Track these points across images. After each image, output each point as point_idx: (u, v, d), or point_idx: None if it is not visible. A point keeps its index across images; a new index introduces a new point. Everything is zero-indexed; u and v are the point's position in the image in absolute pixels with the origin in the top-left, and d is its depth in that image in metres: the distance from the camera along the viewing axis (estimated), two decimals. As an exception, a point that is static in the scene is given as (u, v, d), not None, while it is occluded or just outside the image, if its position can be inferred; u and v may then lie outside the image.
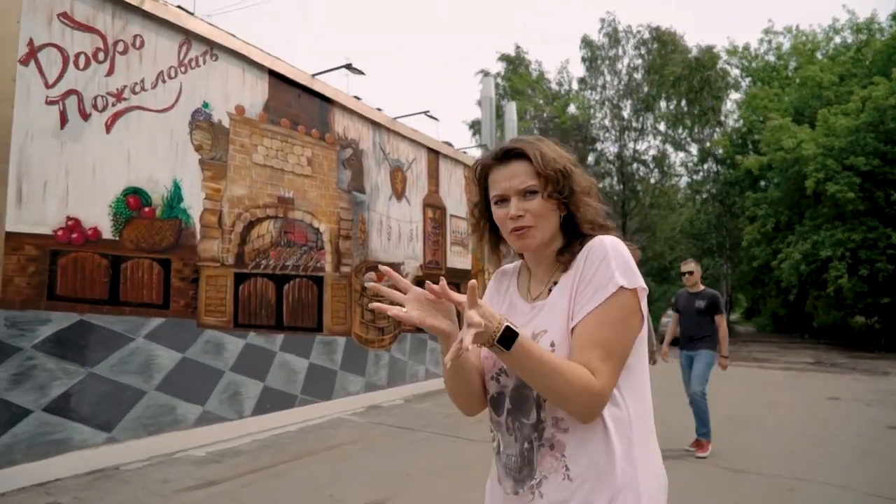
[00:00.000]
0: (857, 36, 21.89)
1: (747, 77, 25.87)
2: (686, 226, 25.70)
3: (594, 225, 1.21)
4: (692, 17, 69.07)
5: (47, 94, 4.50)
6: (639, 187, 27.07)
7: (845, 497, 4.20)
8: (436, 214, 9.30)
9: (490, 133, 12.24)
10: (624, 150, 26.96)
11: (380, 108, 8.15)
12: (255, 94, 6.23)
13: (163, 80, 5.33)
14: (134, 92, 5.09)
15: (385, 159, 8.24)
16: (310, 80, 6.93)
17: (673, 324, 5.85)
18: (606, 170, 27.18)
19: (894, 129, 16.39)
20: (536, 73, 29.40)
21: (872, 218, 16.99)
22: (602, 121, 27.27)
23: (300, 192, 6.71)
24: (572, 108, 27.88)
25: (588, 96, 27.86)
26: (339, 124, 7.38)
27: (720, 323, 5.40)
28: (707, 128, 25.69)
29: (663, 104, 26.43)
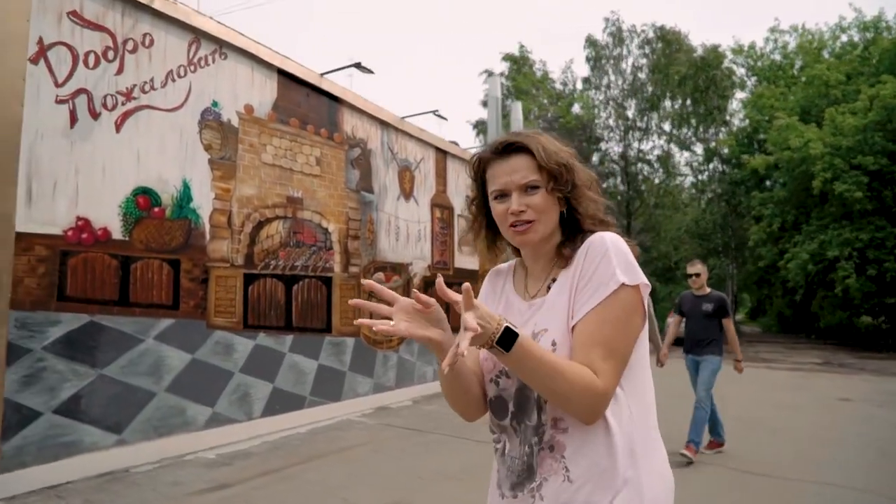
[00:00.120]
0: (863, 34, 21.77)
1: (753, 76, 25.76)
2: (691, 226, 25.61)
3: (595, 220, 1.19)
4: (697, 17, 69.01)
5: (57, 93, 4.46)
6: (643, 187, 26.98)
7: (865, 500, 4.14)
8: (444, 214, 9.25)
9: (496, 133, 12.14)
10: (628, 150, 26.88)
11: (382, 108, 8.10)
12: (263, 93, 6.19)
13: (172, 80, 5.29)
14: (143, 91, 5.05)
15: (393, 159, 8.19)
16: (318, 79, 6.88)
17: (674, 326, 5.68)
18: (610, 170, 27.11)
19: (902, 128, 16.32)
20: (540, 72, 29.33)
21: (880, 217, 16.90)
22: (606, 120, 27.20)
23: (309, 191, 6.67)
24: (577, 107, 27.81)
25: (592, 96, 27.79)
26: (347, 124, 7.33)
27: (728, 326, 5.30)
28: (712, 127, 25.59)
29: (668, 104, 26.35)
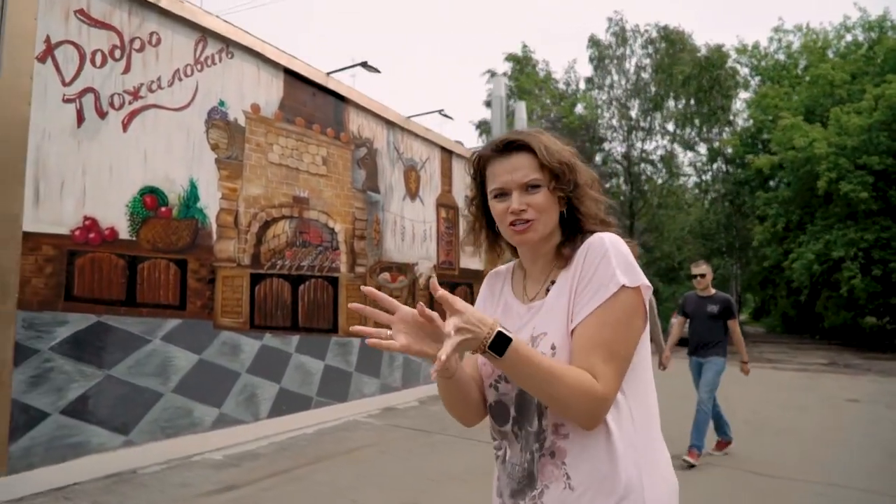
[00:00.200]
0: (868, 34, 21.68)
1: (757, 76, 25.68)
2: (695, 226, 25.54)
3: (596, 220, 1.17)
4: (700, 17, 68.89)
5: (64, 92, 4.43)
6: (646, 187, 26.91)
7: (878, 502, 4.10)
8: (449, 214, 9.21)
9: (500, 133, 12.14)
10: (631, 150, 26.82)
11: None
12: (270, 92, 6.16)
13: (179, 79, 5.26)
14: (150, 90, 5.02)
15: (399, 158, 8.16)
16: (325, 78, 6.85)
17: (677, 327, 5.54)
18: (613, 170, 27.04)
19: (908, 128, 16.25)
20: (543, 72, 29.28)
21: (886, 217, 16.83)
22: (610, 120, 27.14)
23: (315, 191, 6.63)
24: (580, 107, 27.76)
25: (595, 96, 27.73)
26: (353, 123, 7.30)
27: (734, 328, 5.20)
28: (716, 127, 25.51)
29: (671, 103, 26.28)
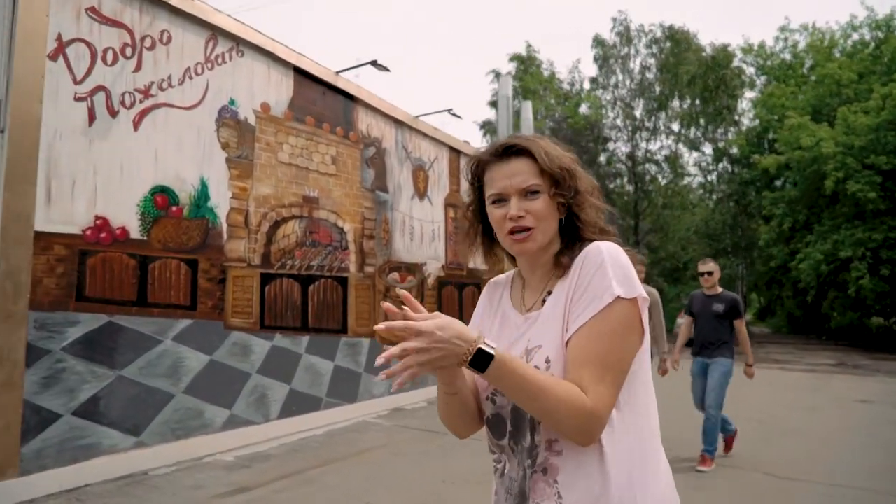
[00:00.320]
0: (875, 33, 21.58)
1: (762, 75, 25.58)
2: (701, 226, 25.45)
3: (596, 229, 1.14)
4: (704, 17, 68.72)
5: (75, 91, 4.40)
6: (651, 187, 26.82)
7: (901, 506, 4.05)
8: (457, 214, 9.16)
9: (507, 132, 12.07)
10: (636, 150, 26.73)
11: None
12: (280, 91, 6.11)
13: (189, 77, 5.23)
14: (161, 88, 4.98)
15: (407, 158, 8.12)
16: (334, 77, 6.81)
17: (685, 327, 5.39)
18: (618, 170, 26.96)
19: (916, 128, 16.16)
20: (548, 72, 29.21)
21: (894, 217, 16.74)
22: (614, 120, 27.06)
23: (325, 191, 6.59)
24: (584, 107, 27.68)
25: (600, 96, 27.66)
26: (362, 122, 7.26)
27: (740, 328, 5.01)
28: (721, 127, 25.42)
29: (676, 103, 26.19)
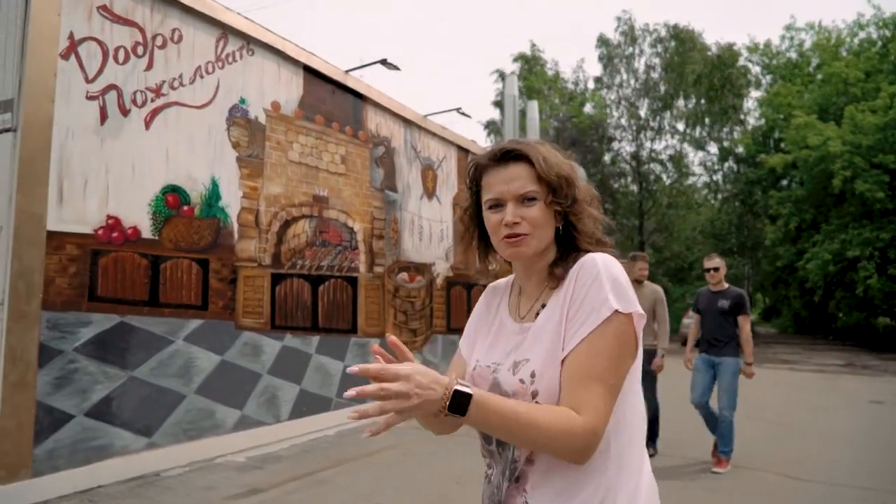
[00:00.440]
0: (882, 31, 21.46)
1: (768, 74, 25.49)
2: (706, 225, 25.35)
3: (592, 239, 1.13)
4: (709, 16, 68.54)
5: (87, 89, 4.37)
6: (655, 187, 26.73)
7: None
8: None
9: (513, 133, 11.95)
10: (640, 150, 26.65)
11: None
12: (290, 90, 6.08)
13: (200, 76, 5.20)
14: (172, 87, 4.95)
15: (416, 157, 8.08)
16: (343, 76, 6.78)
17: (695, 326, 5.29)
18: (622, 170, 26.88)
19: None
20: (552, 72, 29.15)
21: (902, 217, 16.65)
22: (619, 120, 26.98)
23: (334, 190, 6.56)
24: (588, 107, 27.62)
25: (604, 95, 27.59)
26: (371, 121, 7.22)
27: (744, 325, 4.88)
28: (727, 126, 25.32)
29: (681, 103, 26.10)
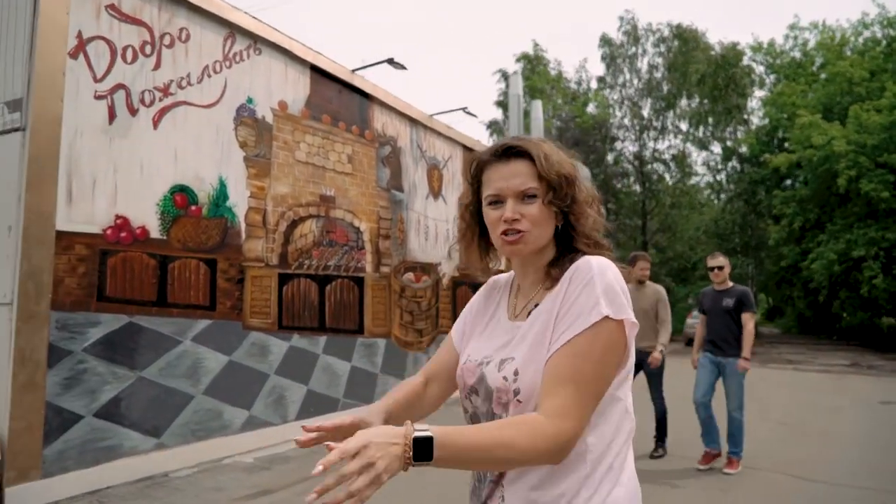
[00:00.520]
0: (887, 31, 21.39)
1: (772, 74, 25.43)
2: (710, 225, 25.29)
3: (590, 241, 1.11)
4: (712, 16, 68.47)
5: (96, 89, 4.35)
6: (658, 186, 26.67)
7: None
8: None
9: (518, 132, 12.00)
10: (643, 150, 26.60)
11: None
12: (297, 89, 6.06)
13: (208, 75, 5.18)
14: (180, 87, 4.93)
15: (422, 157, 8.05)
16: (349, 75, 6.76)
17: (700, 327, 5.18)
18: (625, 170, 26.83)
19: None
20: (555, 72, 29.11)
21: (907, 216, 16.58)
22: (622, 120, 26.94)
23: (341, 190, 6.53)
24: (591, 107, 27.57)
25: (607, 95, 27.54)
26: (377, 121, 7.20)
27: (747, 322, 4.77)
28: (730, 126, 25.26)
29: (684, 102, 26.05)
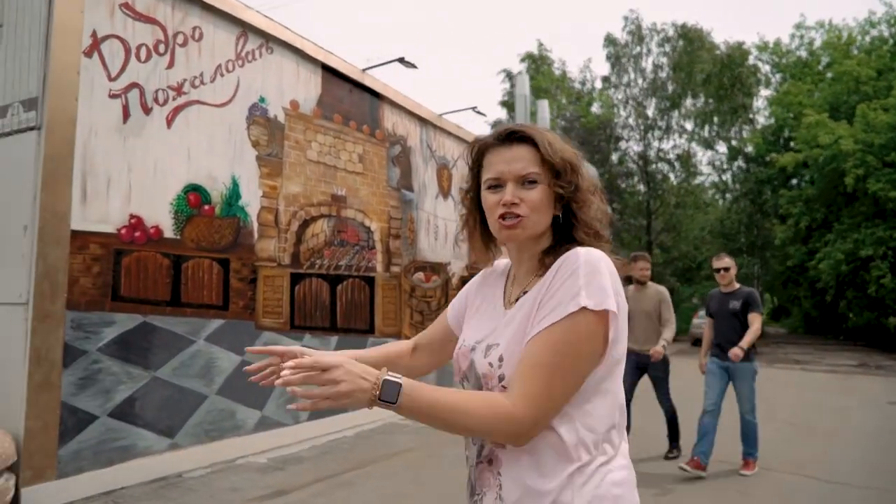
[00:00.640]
0: (893, 29, 21.31)
1: (778, 73, 25.35)
2: (716, 225, 25.21)
3: (590, 231, 1.09)
4: (717, 16, 68.32)
5: (110, 88, 4.33)
6: (663, 186, 26.60)
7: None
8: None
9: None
10: (648, 150, 26.53)
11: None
12: (308, 88, 6.04)
13: (221, 74, 5.16)
14: (193, 86, 4.91)
15: (431, 157, 8.03)
16: (360, 74, 6.74)
17: (707, 330, 5.07)
18: (630, 170, 26.76)
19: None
20: (559, 71, 29.06)
21: (915, 216, 16.52)
22: (626, 119, 26.88)
23: (352, 189, 6.51)
24: (596, 107, 27.51)
25: (612, 95, 27.48)
26: (388, 120, 7.17)
27: (753, 321, 4.62)
28: (736, 125, 25.18)
29: (689, 101, 25.98)
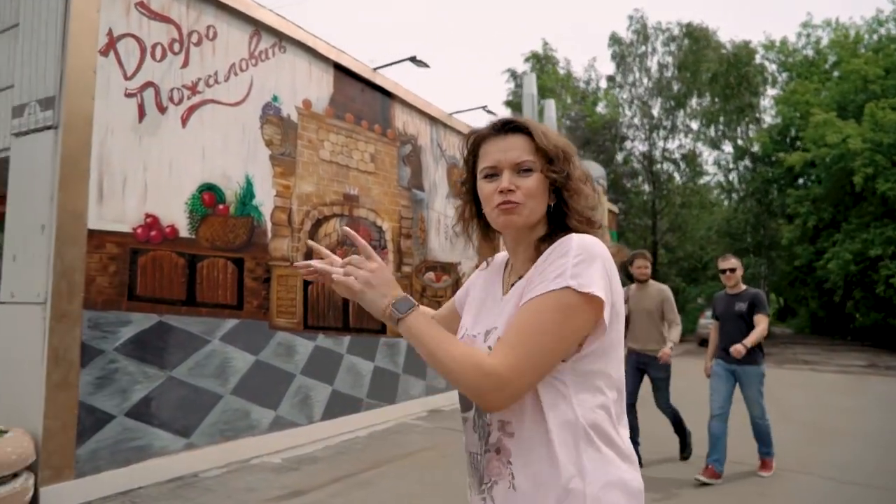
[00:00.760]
0: (901, 28, 21.22)
1: (784, 72, 25.25)
2: (722, 225, 25.11)
3: (583, 218, 1.13)
4: (722, 15, 68.16)
5: (126, 87, 4.32)
6: (668, 186, 26.51)
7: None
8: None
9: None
10: (653, 149, 26.45)
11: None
12: (321, 87, 6.03)
13: (234, 73, 5.15)
14: (208, 85, 4.90)
15: (442, 156, 8.01)
16: (372, 73, 6.72)
17: (714, 333, 4.92)
18: (635, 169, 26.69)
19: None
20: (564, 71, 29.01)
21: (924, 216, 16.43)
22: (631, 119, 26.80)
23: (364, 189, 6.50)
24: (601, 106, 27.45)
25: (617, 94, 27.41)
26: (398, 119, 7.16)
27: (758, 321, 4.51)
28: (742, 125, 25.08)
29: (695, 101, 25.89)
